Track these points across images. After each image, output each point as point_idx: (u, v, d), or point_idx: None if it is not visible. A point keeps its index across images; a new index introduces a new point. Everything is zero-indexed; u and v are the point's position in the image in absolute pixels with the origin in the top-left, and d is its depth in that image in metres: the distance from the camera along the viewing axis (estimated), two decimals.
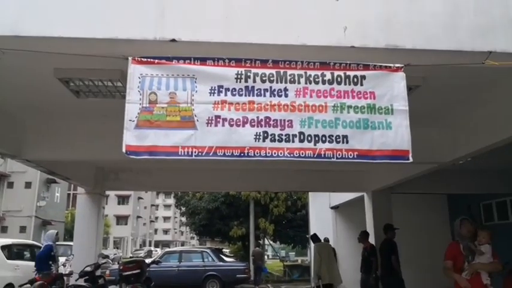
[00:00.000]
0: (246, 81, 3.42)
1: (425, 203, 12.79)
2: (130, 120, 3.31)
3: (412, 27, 3.53)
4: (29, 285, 7.59)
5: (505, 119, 5.36)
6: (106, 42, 3.39)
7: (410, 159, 3.52)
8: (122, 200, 64.35)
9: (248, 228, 22.02)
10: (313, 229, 17.24)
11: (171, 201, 70.33)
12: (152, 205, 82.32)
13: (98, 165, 10.14)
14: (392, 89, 3.54)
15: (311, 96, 3.47)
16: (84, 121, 6.64)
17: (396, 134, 3.52)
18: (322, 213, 15.49)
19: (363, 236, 9.37)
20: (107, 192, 11.89)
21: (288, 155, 3.40)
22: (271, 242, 28.07)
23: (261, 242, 23.98)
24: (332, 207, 14.59)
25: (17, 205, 32.56)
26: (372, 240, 10.32)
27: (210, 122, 3.36)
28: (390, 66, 3.56)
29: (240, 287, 16.45)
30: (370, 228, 10.50)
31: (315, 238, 9.50)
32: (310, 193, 17.59)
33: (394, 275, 8.12)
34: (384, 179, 9.78)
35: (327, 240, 13.86)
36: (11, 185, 33.82)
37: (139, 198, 70.21)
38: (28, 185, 34.02)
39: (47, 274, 8.02)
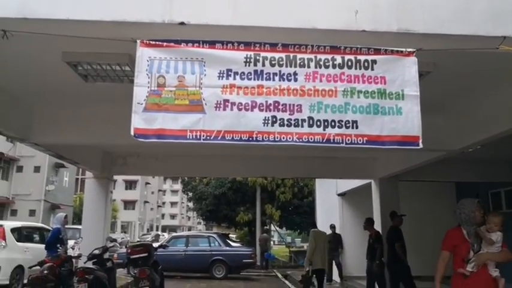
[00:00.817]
0: (255, 65, 3.37)
1: (432, 191, 12.74)
2: (138, 104, 3.29)
3: (425, 10, 3.45)
4: (38, 267, 7.68)
5: None
6: (114, 25, 3.35)
7: (421, 145, 3.48)
8: (130, 185, 64.92)
9: (254, 214, 22.15)
10: (319, 216, 17.30)
11: (178, 186, 70.75)
12: (159, 190, 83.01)
13: (105, 150, 10.19)
14: (404, 74, 3.48)
15: (321, 81, 3.42)
16: (92, 105, 6.65)
17: (406, 120, 3.47)
18: (328, 200, 15.50)
19: (368, 223, 9.34)
20: (115, 177, 11.97)
21: (297, 140, 3.37)
22: (278, 228, 28.24)
23: (267, 227, 24.11)
24: (339, 194, 14.57)
25: (26, 189, 32.93)
26: (378, 227, 10.31)
27: (218, 106, 3.34)
28: (402, 51, 3.49)
29: (246, 272, 16.61)
30: (377, 215, 10.49)
31: (313, 224, 9.60)
32: (317, 180, 17.60)
33: (400, 262, 8.12)
34: (391, 166, 9.73)
35: (333, 227, 13.91)
36: (20, 169, 34.18)
37: (147, 183, 70.80)
38: (37, 169, 34.36)
39: (56, 256, 8.12)
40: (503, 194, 12.09)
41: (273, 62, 3.39)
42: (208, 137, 3.32)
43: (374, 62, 3.46)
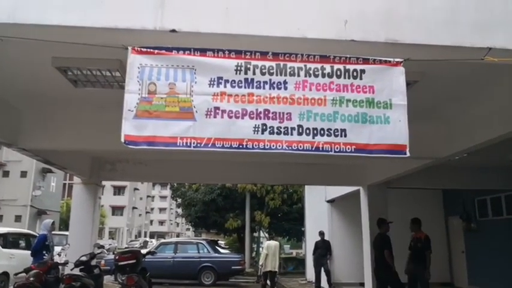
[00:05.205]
0: (245, 73, 3.40)
1: (420, 199, 12.87)
2: (129, 110, 3.30)
3: (413, 21, 3.52)
4: (24, 273, 7.58)
5: (502, 115, 5.39)
6: (105, 32, 3.36)
7: (408, 154, 3.53)
8: (118, 190, 64.43)
9: (244, 220, 22.10)
10: (308, 222, 17.35)
11: (167, 192, 70.41)
12: (148, 196, 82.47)
13: (94, 156, 10.12)
14: (392, 83, 3.54)
15: (310, 89, 3.46)
16: (82, 111, 6.62)
17: (394, 129, 3.52)
18: (317, 207, 15.56)
19: (415, 224, 8.47)
20: (103, 183, 11.88)
21: (287, 148, 3.40)
22: (267, 235, 28.18)
23: (255, 234, 24.02)
24: (328, 201, 14.65)
25: (13, 194, 32.54)
26: (366, 234, 10.38)
27: (209, 113, 3.36)
28: (390, 61, 3.55)
29: (234, 279, 16.55)
30: (365, 222, 10.56)
31: (269, 237, 12.22)
32: (306, 186, 17.65)
33: (388, 269, 8.16)
34: (380, 173, 9.82)
35: (322, 233, 13.95)
36: (6, 173, 33.82)
37: (135, 189, 70.30)
38: (24, 174, 34.02)
39: (43, 263, 8.03)
40: (489, 202, 12.26)
41: (264, 71, 3.43)
42: (198, 145, 3.33)
43: (363, 71, 3.52)
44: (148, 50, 3.38)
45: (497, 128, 5.57)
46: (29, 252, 9.18)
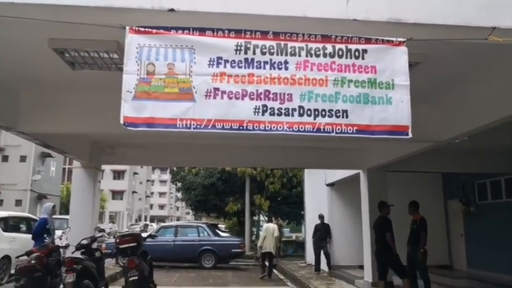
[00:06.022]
0: (245, 53, 3.35)
1: (419, 182, 12.87)
2: (128, 92, 3.25)
3: (416, 0, 3.46)
4: (25, 257, 7.61)
5: (502, 98, 5.34)
6: (102, 11, 3.29)
7: (410, 135, 3.51)
8: (118, 175, 64.67)
9: (243, 204, 22.21)
10: (308, 206, 17.41)
11: (166, 176, 70.73)
12: (148, 180, 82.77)
13: (93, 139, 10.07)
14: (394, 63, 3.49)
15: (312, 70, 3.41)
16: (80, 94, 6.56)
17: (396, 109, 3.49)
18: (317, 191, 15.58)
19: (413, 207, 8.55)
20: (103, 167, 11.87)
21: (287, 129, 3.37)
22: (266, 218, 28.38)
23: (255, 218, 24.15)
24: (327, 185, 14.66)
25: (12, 179, 32.60)
26: (366, 217, 10.41)
27: (208, 94, 3.31)
28: (392, 41, 3.49)
29: (234, 262, 16.69)
30: (365, 205, 10.58)
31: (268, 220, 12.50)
32: (305, 170, 17.67)
33: (389, 251, 8.20)
34: (379, 156, 9.79)
35: (321, 216, 14.01)
36: (5, 158, 33.86)
37: (135, 173, 70.50)
38: (23, 158, 34.06)
39: (44, 246, 8.06)
40: (489, 185, 12.27)
41: (264, 50, 3.37)
42: (198, 126, 3.29)
43: (365, 51, 3.46)
44: (147, 29, 3.31)
45: (498, 111, 5.52)
46: (30, 235, 9.22)
